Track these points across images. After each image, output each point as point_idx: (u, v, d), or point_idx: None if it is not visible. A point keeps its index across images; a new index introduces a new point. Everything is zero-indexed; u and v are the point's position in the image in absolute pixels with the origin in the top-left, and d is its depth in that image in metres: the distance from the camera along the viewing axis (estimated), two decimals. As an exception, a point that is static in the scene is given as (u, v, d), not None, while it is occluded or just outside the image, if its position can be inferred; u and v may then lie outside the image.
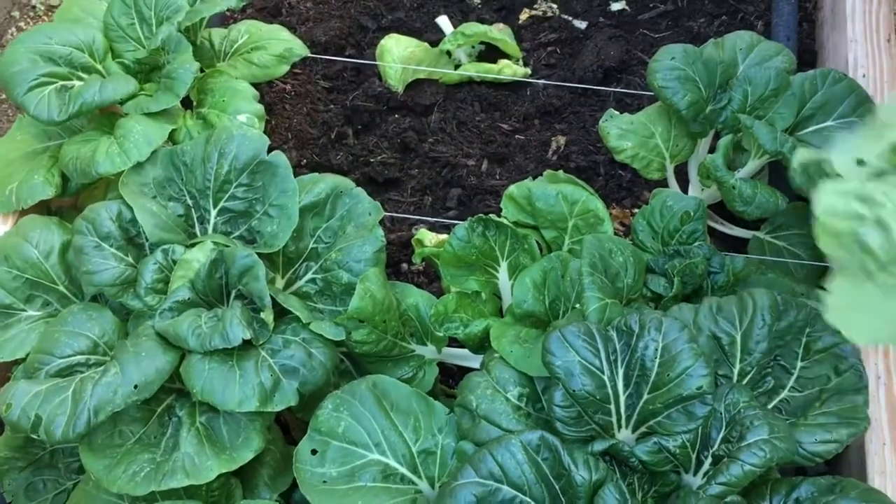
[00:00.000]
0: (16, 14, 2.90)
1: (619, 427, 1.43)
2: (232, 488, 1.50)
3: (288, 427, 1.71)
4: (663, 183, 2.01)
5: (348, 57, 2.49)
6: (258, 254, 1.59)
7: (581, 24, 2.54)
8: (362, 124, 2.35)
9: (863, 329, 0.97)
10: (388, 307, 1.60)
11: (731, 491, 1.38)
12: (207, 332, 1.49)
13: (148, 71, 1.96)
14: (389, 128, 2.34)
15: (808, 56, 2.38)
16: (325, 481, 1.48)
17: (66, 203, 1.99)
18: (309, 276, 1.71)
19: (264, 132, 1.86)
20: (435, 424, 1.55)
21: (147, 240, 1.65)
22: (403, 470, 1.51)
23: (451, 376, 1.93)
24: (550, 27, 2.54)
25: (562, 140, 2.30)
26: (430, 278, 2.09)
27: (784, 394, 1.53)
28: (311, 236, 1.72)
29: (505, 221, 1.67)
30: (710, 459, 1.43)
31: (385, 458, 1.52)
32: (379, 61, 2.42)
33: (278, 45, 2.13)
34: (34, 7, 2.91)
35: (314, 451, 1.49)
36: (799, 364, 1.54)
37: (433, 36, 2.51)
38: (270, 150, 1.73)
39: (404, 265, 2.13)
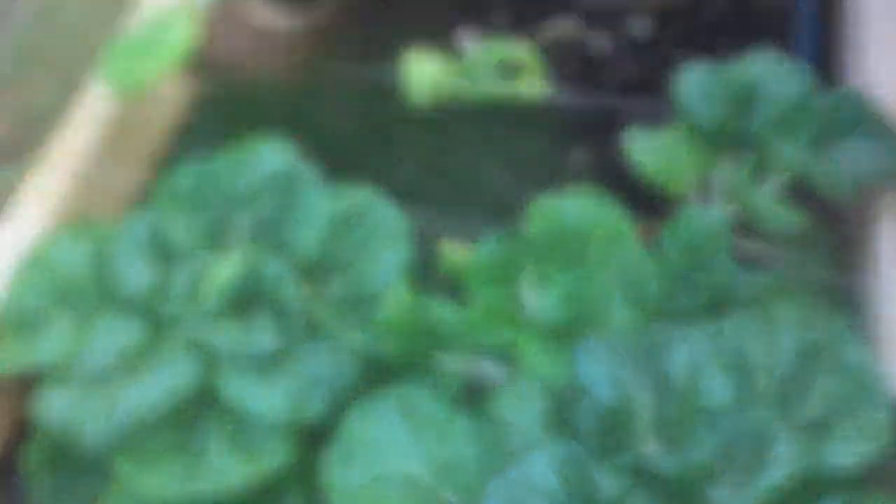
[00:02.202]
0: None
1: (645, 440, 1.44)
2: (259, 494, 1.51)
3: (313, 435, 1.73)
4: (686, 199, 2.03)
5: (372, 72, 2.52)
6: (286, 263, 1.61)
7: (603, 44, 2.57)
8: (385, 139, 2.38)
9: None
10: (415, 317, 1.62)
11: (756, 504, 1.39)
12: (237, 340, 1.51)
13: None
14: (412, 143, 2.36)
15: (829, 77, 2.39)
16: (351, 490, 1.49)
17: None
18: (336, 285, 1.72)
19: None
20: (460, 435, 1.56)
21: (178, 248, 1.67)
22: (429, 479, 1.52)
23: (475, 388, 1.93)
24: (573, 47, 2.56)
25: (583, 158, 2.32)
26: (452, 292, 2.10)
27: (807, 408, 1.54)
28: (339, 246, 1.74)
29: (531, 235, 1.68)
30: (735, 473, 1.43)
31: (410, 468, 1.53)
32: (402, 77, 2.44)
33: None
34: None
35: (341, 460, 1.50)
36: (822, 379, 1.55)
37: (456, 53, 2.54)
38: (297, 162, 1.76)
39: (427, 279, 2.14)
